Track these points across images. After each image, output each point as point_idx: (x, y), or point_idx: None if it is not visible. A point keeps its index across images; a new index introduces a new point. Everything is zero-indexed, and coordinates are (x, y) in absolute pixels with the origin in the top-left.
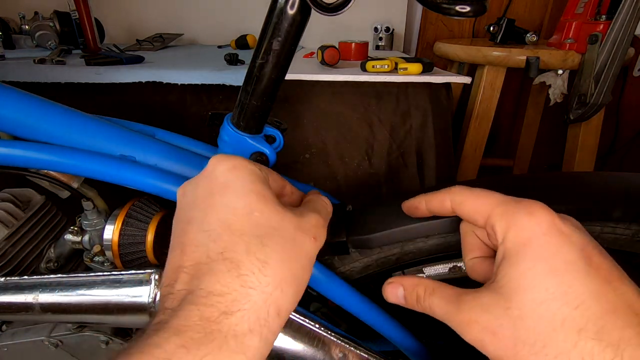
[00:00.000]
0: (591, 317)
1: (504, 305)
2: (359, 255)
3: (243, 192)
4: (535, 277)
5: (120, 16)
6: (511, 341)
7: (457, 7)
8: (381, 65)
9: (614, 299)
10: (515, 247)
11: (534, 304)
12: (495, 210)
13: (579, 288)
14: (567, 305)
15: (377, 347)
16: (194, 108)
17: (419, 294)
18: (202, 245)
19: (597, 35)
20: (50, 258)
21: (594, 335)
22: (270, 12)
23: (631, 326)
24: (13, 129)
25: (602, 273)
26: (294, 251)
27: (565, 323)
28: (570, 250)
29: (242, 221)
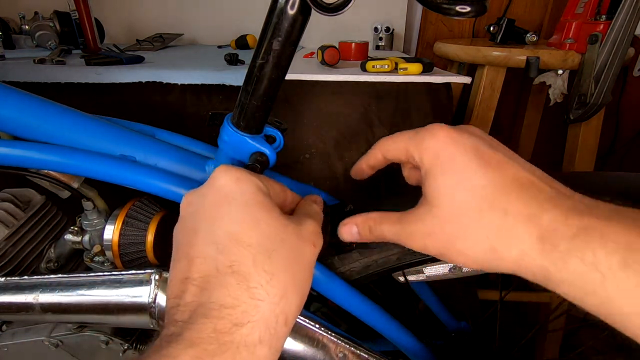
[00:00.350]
0: (488, 197)
1: (432, 212)
2: (359, 255)
3: (249, 204)
4: (445, 183)
5: (120, 16)
6: (444, 236)
7: (457, 7)
8: (381, 65)
9: (503, 180)
10: (429, 165)
11: (449, 203)
12: (409, 144)
13: (476, 180)
14: (471, 195)
15: (377, 347)
16: (194, 108)
17: (370, 226)
18: (211, 257)
19: (597, 35)
20: (51, 258)
21: (493, 208)
22: (271, 12)
23: (517, 193)
24: (13, 129)
25: (492, 163)
26: (297, 260)
27: (471, 208)
28: (464, 153)
29: (249, 233)
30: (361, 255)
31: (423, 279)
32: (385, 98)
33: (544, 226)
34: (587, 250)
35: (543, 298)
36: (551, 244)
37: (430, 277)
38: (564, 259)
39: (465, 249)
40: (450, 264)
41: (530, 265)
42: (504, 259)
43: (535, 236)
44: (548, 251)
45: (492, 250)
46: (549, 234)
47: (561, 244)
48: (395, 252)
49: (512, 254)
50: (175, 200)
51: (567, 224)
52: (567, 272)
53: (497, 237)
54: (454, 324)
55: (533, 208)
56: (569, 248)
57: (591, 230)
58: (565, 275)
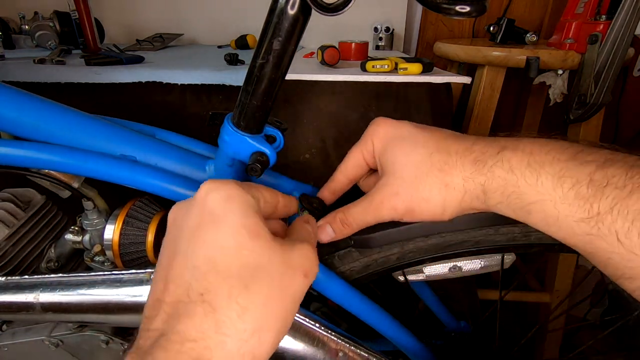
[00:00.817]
0: (433, 146)
1: (393, 176)
2: (359, 254)
3: (235, 228)
4: (398, 151)
5: (120, 16)
6: (408, 191)
7: (457, 7)
8: (381, 65)
9: (440, 134)
10: (381, 146)
11: (405, 163)
12: (361, 149)
13: (420, 139)
14: (420, 149)
15: (377, 347)
16: (194, 108)
17: (341, 218)
18: (185, 282)
19: (597, 35)
20: (51, 258)
21: (440, 151)
22: (271, 12)
23: (453, 139)
24: (14, 129)
25: (427, 129)
26: (279, 292)
27: (424, 157)
28: (404, 126)
29: (229, 261)
30: (361, 255)
31: (423, 278)
32: (385, 98)
33: (475, 152)
34: (505, 160)
35: (543, 298)
36: (482, 163)
37: (430, 277)
38: (492, 170)
39: (426, 194)
40: (450, 263)
41: (472, 187)
42: (455, 189)
43: (471, 160)
44: (480, 168)
45: (445, 185)
46: (480, 156)
47: (489, 160)
48: (395, 252)
49: (458, 182)
50: (176, 199)
51: (491, 147)
52: (494, 179)
53: (446, 172)
54: (453, 324)
55: (467, 144)
56: (494, 161)
57: (508, 147)
58: (494, 184)
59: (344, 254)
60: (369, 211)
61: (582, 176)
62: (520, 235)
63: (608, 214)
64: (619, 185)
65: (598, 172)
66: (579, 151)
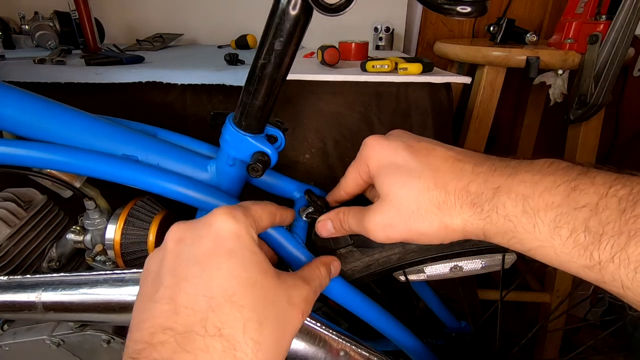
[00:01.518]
0: (429, 180)
1: (388, 205)
2: (360, 254)
3: (248, 262)
4: (391, 180)
5: (120, 16)
6: (403, 224)
7: (458, 7)
8: (381, 65)
9: (435, 161)
10: (375, 171)
11: (399, 195)
12: (358, 170)
13: (414, 169)
14: (415, 183)
15: (378, 346)
16: (194, 108)
17: (341, 219)
18: (200, 312)
19: (597, 35)
20: (52, 257)
21: (437, 187)
22: (273, 12)
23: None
24: (16, 129)
25: (421, 151)
26: (283, 329)
27: (420, 192)
28: (397, 151)
29: (244, 293)
30: (362, 255)
31: (424, 278)
32: (385, 98)
33: (472, 194)
34: (500, 205)
35: (543, 298)
36: (479, 207)
37: (431, 277)
38: (489, 216)
39: (424, 229)
40: (451, 264)
41: (473, 229)
42: (455, 230)
43: (468, 204)
44: (479, 213)
45: (444, 225)
46: (477, 199)
47: (485, 205)
48: (397, 252)
49: (458, 224)
50: (177, 199)
51: (486, 187)
52: (493, 225)
53: (444, 212)
54: (454, 324)
55: (464, 181)
56: (490, 206)
57: (503, 187)
58: (494, 229)
59: (345, 253)
60: (364, 229)
61: (578, 223)
62: None
63: (609, 263)
64: (615, 232)
65: (592, 218)
66: (572, 189)
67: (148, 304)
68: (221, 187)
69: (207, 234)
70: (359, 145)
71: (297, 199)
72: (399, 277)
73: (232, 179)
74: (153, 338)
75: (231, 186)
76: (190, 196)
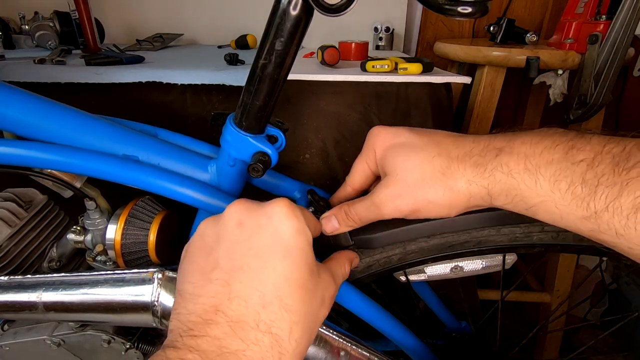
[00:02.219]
0: (433, 150)
1: (395, 178)
2: (361, 254)
3: (301, 264)
4: (399, 156)
5: (120, 16)
6: (411, 193)
7: (459, 8)
8: (381, 65)
9: (437, 137)
10: (382, 154)
11: (406, 167)
12: (365, 159)
13: (419, 144)
14: (420, 154)
15: (379, 346)
16: (194, 108)
17: (345, 210)
18: (252, 305)
19: (597, 35)
20: (53, 257)
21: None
22: (273, 12)
23: (451, 143)
24: (16, 129)
25: (424, 132)
26: (314, 327)
27: (424, 162)
28: (401, 133)
29: (291, 295)
30: (363, 255)
31: (424, 278)
32: (385, 98)
33: (475, 156)
34: (504, 164)
35: (543, 298)
36: (482, 167)
37: (431, 277)
38: (492, 174)
39: (431, 197)
40: (452, 264)
41: (477, 190)
42: (459, 192)
43: (472, 165)
44: (481, 172)
45: (449, 189)
46: (480, 160)
47: (488, 164)
48: (397, 252)
49: (463, 186)
50: (178, 199)
51: (489, 149)
52: (497, 183)
53: (449, 176)
54: (454, 324)
55: (466, 148)
56: (494, 165)
57: (505, 149)
58: (497, 188)
59: None
60: (372, 209)
61: (576, 177)
62: (522, 236)
63: (604, 212)
64: (609, 183)
65: (589, 172)
66: (570, 147)
67: (203, 280)
68: (222, 188)
69: (267, 225)
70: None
71: (297, 199)
72: (399, 278)
73: (232, 179)
74: (206, 315)
75: (232, 186)
76: (191, 196)
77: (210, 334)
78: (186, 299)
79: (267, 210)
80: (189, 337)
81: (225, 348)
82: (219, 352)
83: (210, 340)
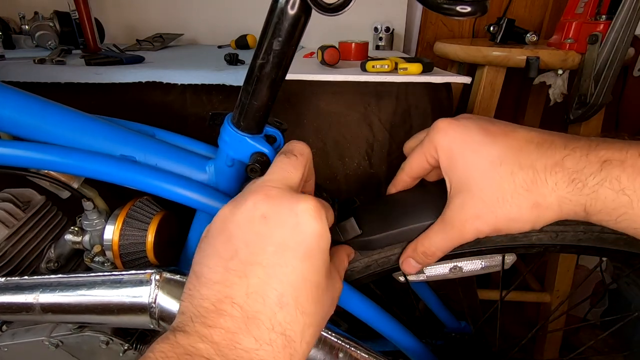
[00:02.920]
0: (513, 161)
1: (470, 197)
2: (359, 255)
3: (320, 267)
4: (470, 167)
5: (120, 16)
6: (492, 213)
7: (457, 7)
8: (381, 65)
9: (517, 143)
10: (447, 160)
11: (481, 182)
12: (425, 155)
13: (494, 152)
14: (497, 167)
15: (378, 347)
16: (193, 108)
17: (423, 252)
18: (270, 304)
19: (597, 35)
20: (51, 258)
21: (522, 168)
22: (271, 12)
23: (535, 151)
24: (13, 129)
25: (499, 133)
26: (322, 326)
27: (504, 177)
28: (472, 135)
29: (307, 297)
30: (362, 255)
31: (423, 279)
32: (385, 98)
33: (569, 169)
34: (613, 179)
35: (543, 298)
36: (581, 182)
37: (430, 277)
38: (595, 191)
39: (514, 214)
40: (451, 264)
41: (570, 206)
42: (548, 208)
43: (566, 180)
44: (580, 189)
45: (536, 205)
46: (577, 175)
47: (589, 179)
48: (396, 252)
49: (553, 202)
50: (175, 200)
51: (589, 162)
52: (600, 202)
53: (535, 192)
54: (454, 324)
55: (555, 157)
56: (597, 181)
57: (611, 161)
58: (599, 206)
59: None
60: (452, 237)
61: None
62: (521, 236)
63: None
64: None
65: None
66: None
67: (220, 267)
68: (219, 188)
69: (291, 222)
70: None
71: None
72: (398, 278)
73: (230, 180)
74: (220, 304)
75: (230, 187)
76: (189, 197)
77: (223, 325)
78: (201, 281)
79: (293, 207)
80: (201, 325)
81: (238, 344)
82: (232, 347)
83: (223, 333)
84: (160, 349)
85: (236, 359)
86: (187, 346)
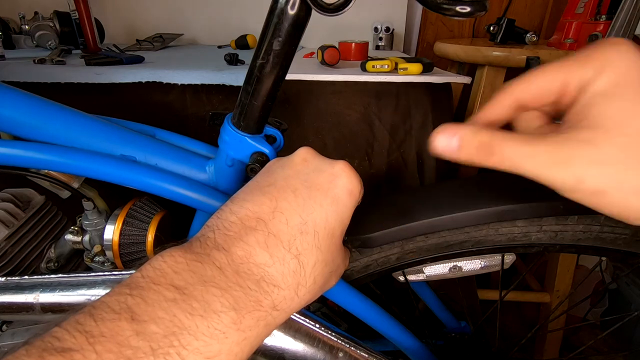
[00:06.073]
0: None
1: (606, 136)
2: (359, 254)
3: (343, 217)
4: (624, 104)
5: (120, 16)
6: (621, 167)
7: (457, 7)
8: (381, 65)
9: None
10: (608, 84)
11: (630, 123)
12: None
13: None
14: None
15: (377, 347)
16: (193, 108)
17: (485, 142)
18: (292, 226)
19: (597, 35)
20: (51, 258)
21: None
22: (271, 12)
23: None
24: (14, 129)
25: None
26: (325, 286)
27: None
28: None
29: (325, 237)
30: (361, 255)
31: (423, 278)
32: (385, 98)
33: None
34: None
35: (543, 298)
36: None
37: (430, 277)
38: None
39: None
40: (451, 264)
41: None
42: None
43: None
44: None
45: None
46: None
47: None
48: (395, 252)
49: None
50: (175, 200)
51: None
52: None
53: None
54: (454, 324)
55: None
56: None
57: None
58: None
59: None
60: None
61: None
62: (520, 236)
63: None
64: None
65: None
66: None
67: (256, 191)
68: (220, 188)
69: (328, 171)
70: (359, 145)
71: None
72: (398, 278)
73: (230, 180)
74: (247, 220)
75: (230, 187)
76: (189, 197)
77: (243, 237)
78: (234, 202)
79: (333, 163)
80: (222, 235)
81: (251, 258)
82: (245, 260)
83: (241, 245)
84: (171, 253)
85: (246, 271)
86: (200, 253)
